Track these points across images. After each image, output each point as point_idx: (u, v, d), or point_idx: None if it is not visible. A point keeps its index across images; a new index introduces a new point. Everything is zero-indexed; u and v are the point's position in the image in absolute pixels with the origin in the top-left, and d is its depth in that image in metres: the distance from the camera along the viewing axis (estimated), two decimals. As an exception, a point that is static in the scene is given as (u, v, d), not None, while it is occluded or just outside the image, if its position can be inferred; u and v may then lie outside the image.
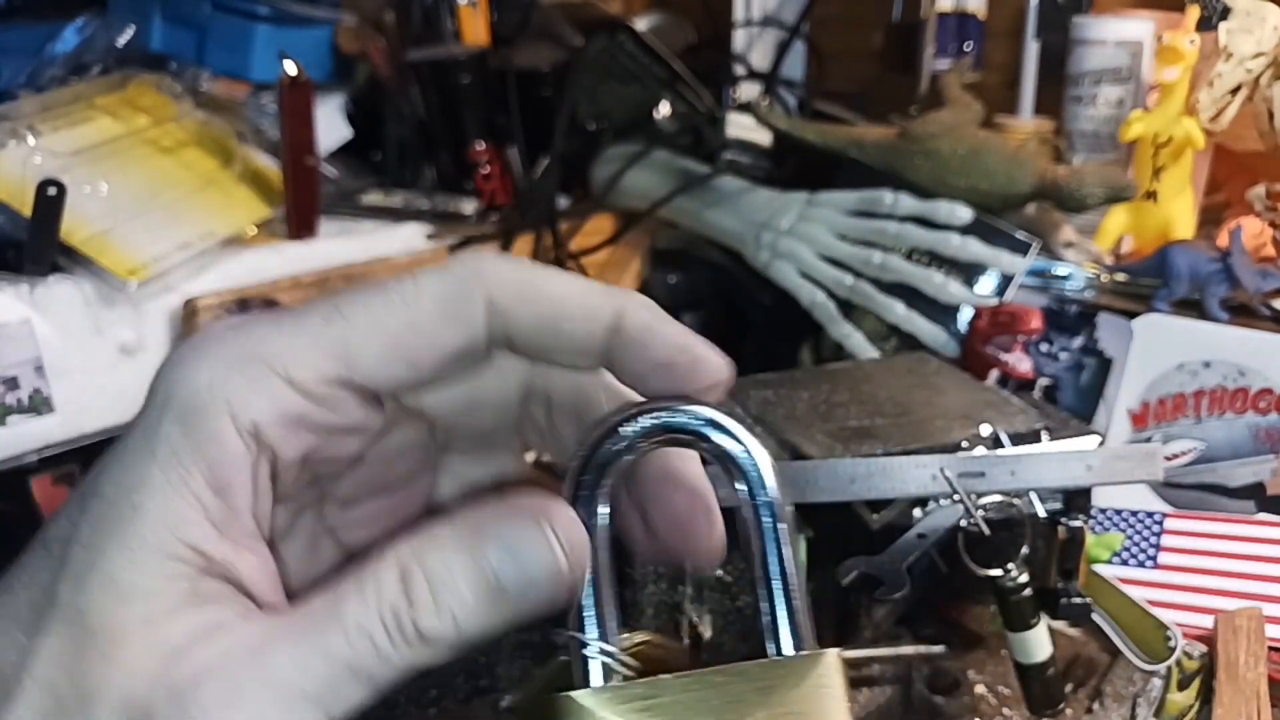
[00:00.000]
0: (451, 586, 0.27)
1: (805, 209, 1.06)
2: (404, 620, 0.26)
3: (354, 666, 0.26)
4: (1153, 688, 0.69)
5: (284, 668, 0.26)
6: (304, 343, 0.28)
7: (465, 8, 1.21)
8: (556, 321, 0.30)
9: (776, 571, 0.30)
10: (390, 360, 0.29)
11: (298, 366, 0.28)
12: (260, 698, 0.26)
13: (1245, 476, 0.85)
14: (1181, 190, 1.07)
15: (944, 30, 1.35)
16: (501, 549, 0.27)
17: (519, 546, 0.27)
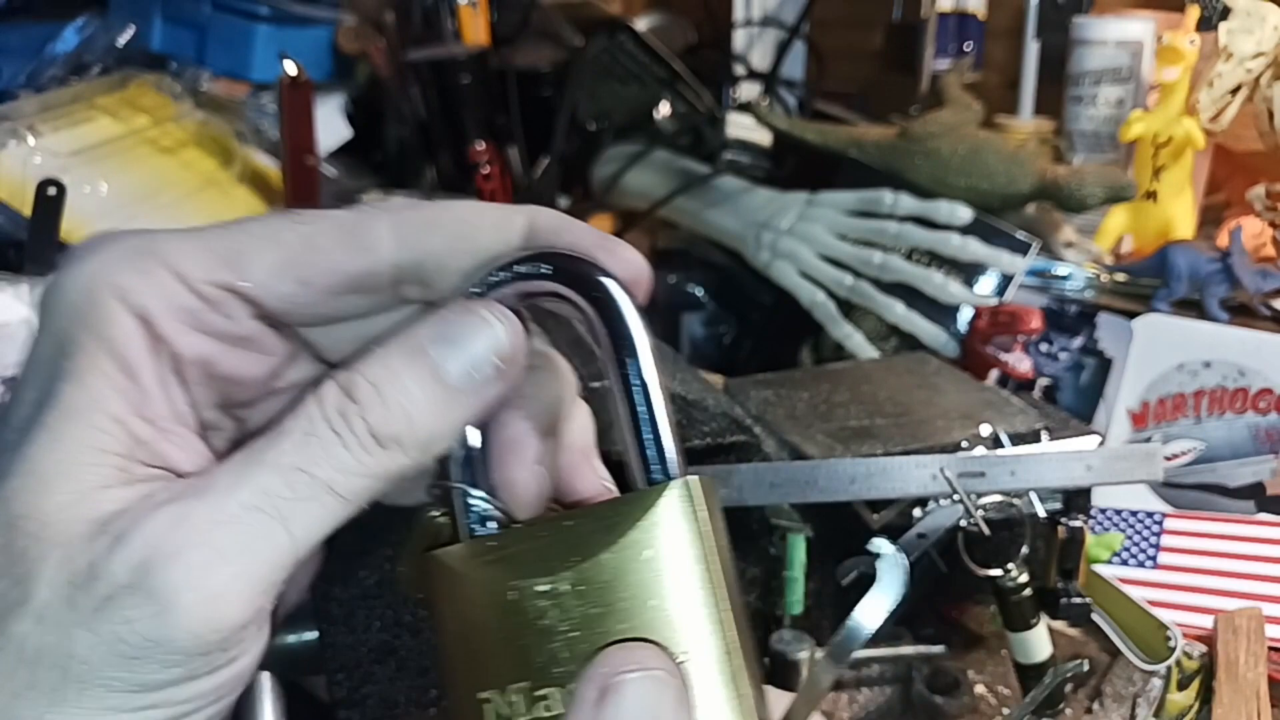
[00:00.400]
0: (397, 384, 0.27)
1: (805, 209, 1.06)
2: (353, 419, 0.26)
3: (307, 469, 0.26)
4: (1152, 688, 0.69)
5: (232, 488, 0.26)
6: (195, 245, 0.28)
7: (465, 8, 1.21)
8: (469, 239, 0.29)
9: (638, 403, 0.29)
10: (282, 274, 0.28)
11: (187, 263, 0.28)
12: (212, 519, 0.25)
13: (1245, 476, 0.85)
14: (1181, 190, 1.07)
15: (944, 30, 1.35)
16: (440, 339, 0.27)
17: (456, 332, 0.28)
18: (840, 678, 0.68)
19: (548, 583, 0.28)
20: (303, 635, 0.62)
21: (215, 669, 0.26)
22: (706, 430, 0.63)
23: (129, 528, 0.25)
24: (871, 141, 1.09)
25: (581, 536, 0.28)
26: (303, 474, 0.26)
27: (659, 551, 0.27)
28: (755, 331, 1.15)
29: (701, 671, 0.27)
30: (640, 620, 0.27)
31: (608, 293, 0.29)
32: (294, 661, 0.62)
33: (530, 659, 0.28)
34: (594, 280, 0.29)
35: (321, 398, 0.27)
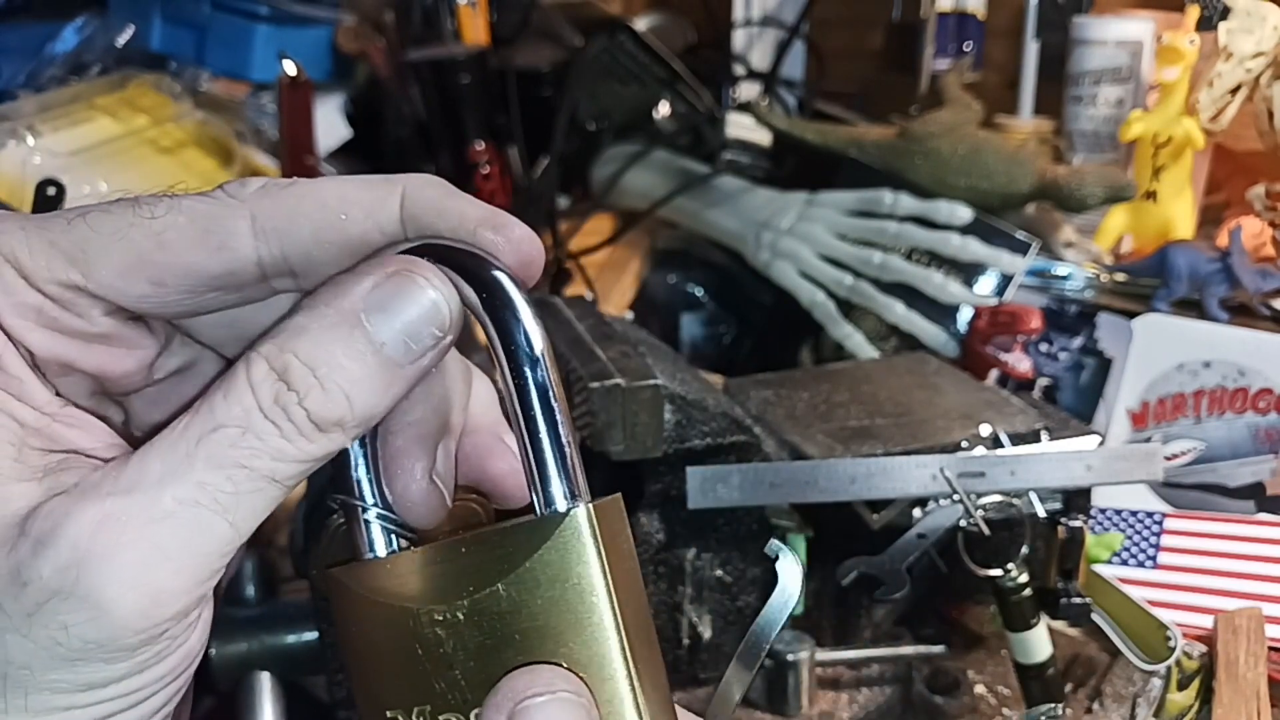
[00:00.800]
0: (333, 362, 0.25)
1: (805, 209, 1.06)
2: (292, 409, 0.25)
3: (249, 465, 0.25)
4: (1152, 688, 0.69)
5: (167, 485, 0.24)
6: (41, 240, 0.27)
7: (465, 8, 1.21)
8: (338, 228, 0.27)
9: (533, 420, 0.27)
10: (131, 276, 0.27)
11: (31, 260, 0.26)
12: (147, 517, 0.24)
13: (1245, 476, 0.85)
14: (1181, 190, 1.07)
15: (944, 30, 1.35)
16: (377, 311, 0.26)
17: (394, 303, 0.26)
18: (838, 677, 0.68)
19: (443, 611, 0.27)
20: (303, 635, 0.62)
21: (164, 656, 0.25)
22: (706, 430, 0.63)
23: (51, 531, 0.24)
24: (871, 141, 1.09)
25: (477, 565, 0.27)
26: (243, 468, 0.25)
27: (556, 586, 0.27)
28: (755, 331, 1.15)
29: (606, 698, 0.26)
30: (540, 653, 0.27)
31: (498, 290, 0.27)
32: (294, 662, 0.62)
33: (431, 684, 0.27)
34: (482, 277, 0.27)
35: (255, 384, 0.25)
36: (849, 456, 0.65)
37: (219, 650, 0.61)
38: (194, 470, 0.25)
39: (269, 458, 0.25)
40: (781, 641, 0.65)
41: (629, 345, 0.65)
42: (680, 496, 0.62)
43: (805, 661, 0.64)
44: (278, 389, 0.25)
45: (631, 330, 0.74)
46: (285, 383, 0.25)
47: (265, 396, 0.25)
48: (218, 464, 0.25)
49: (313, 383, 0.25)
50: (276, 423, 0.25)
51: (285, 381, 0.25)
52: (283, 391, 0.25)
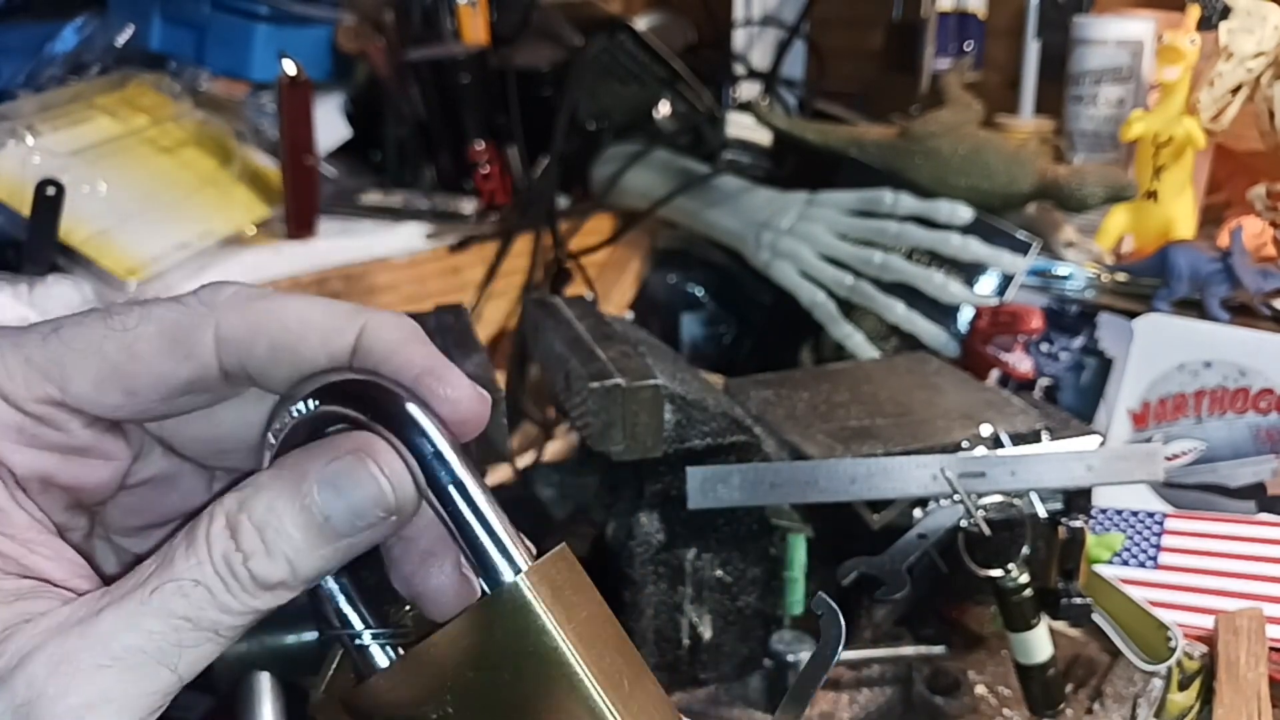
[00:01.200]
0: (281, 530, 0.27)
1: (805, 209, 1.06)
2: (238, 569, 0.27)
3: (195, 619, 0.26)
4: (1153, 688, 0.69)
5: (119, 632, 0.26)
6: (18, 360, 0.28)
7: (465, 7, 1.21)
8: (292, 350, 0.29)
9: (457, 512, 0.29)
10: (106, 387, 0.28)
11: (10, 382, 0.28)
12: (96, 662, 0.26)
13: (1246, 477, 0.85)
14: (1182, 190, 1.07)
15: (944, 30, 1.35)
16: (327, 487, 0.27)
17: (344, 483, 0.27)
18: (839, 677, 0.68)
19: (436, 710, 0.28)
20: (302, 635, 0.62)
21: None
22: (706, 430, 0.62)
23: (11, 669, 0.25)
24: (872, 141, 1.09)
25: (448, 657, 0.29)
26: (188, 623, 0.26)
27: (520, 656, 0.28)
28: (755, 331, 1.15)
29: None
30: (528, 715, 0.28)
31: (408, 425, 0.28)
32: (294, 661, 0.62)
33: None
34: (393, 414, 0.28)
35: (211, 540, 0.27)
36: (849, 457, 0.65)
37: (218, 651, 0.61)
38: (144, 619, 0.26)
39: (215, 610, 0.27)
40: (781, 642, 0.65)
41: (629, 345, 0.65)
42: (680, 496, 0.62)
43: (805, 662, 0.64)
44: (228, 547, 0.27)
45: (631, 330, 0.74)
46: (235, 541, 0.27)
47: (217, 553, 0.27)
48: (167, 614, 0.26)
49: (259, 545, 0.27)
50: (224, 579, 0.27)
51: (236, 540, 0.27)
52: (232, 551, 0.27)
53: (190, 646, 0.26)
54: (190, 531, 0.27)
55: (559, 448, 0.98)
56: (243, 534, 0.27)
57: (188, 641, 0.26)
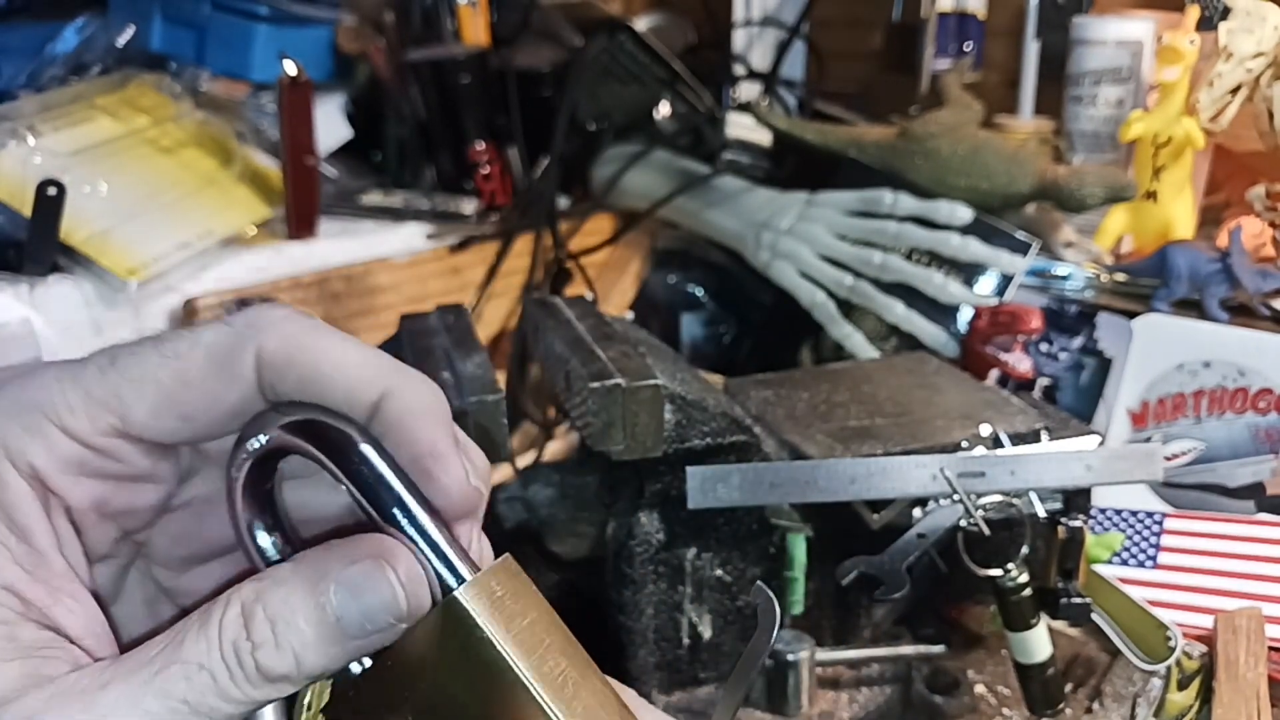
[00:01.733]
0: (293, 624, 0.27)
1: (805, 209, 1.06)
2: (245, 658, 0.27)
3: (193, 703, 0.27)
4: (1152, 688, 0.69)
5: (118, 708, 0.26)
6: (79, 394, 0.29)
7: (465, 8, 1.21)
8: (319, 389, 0.29)
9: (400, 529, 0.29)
10: (163, 414, 0.29)
11: (72, 417, 0.29)
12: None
13: (1245, 476, 0.85)
14: (1181, 190, 1.07)
15: (944, 30, 1.35)
16: (343, 590, 0.28)
17: (361, 587, 0.28)
18: (838, 677, 0.68)
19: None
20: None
21: None
22: (706, 430, 0.63)
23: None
24: (871, 141, 1.09)
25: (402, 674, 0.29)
26: (187, 706, 0.27)
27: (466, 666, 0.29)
28: (755, 331, 1.15)
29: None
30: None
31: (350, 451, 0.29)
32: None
33: None
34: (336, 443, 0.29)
35: (224, 626, 0.27)
36: (849, 456, 0.65)
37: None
38: (146, 699, 0.27)
39: (216, 697, 0.27)
40: (781, 641, 0.65)
41: (629, 345, 0.65)
42: (680, 496, 0.62)
43: (805, 661, 0.64)
44: (239, 636, 0.27)
45: (631, 330, 0.74)
46: (247, 630, 0.27)
47: (228, 640, 0.27)
48: (167, 696, 0.27)
49: (269, 637, 0.27)
50: (230, 667, 0.27)
51: (248, 630, 0.27)
52: (242, 639, 0.27)
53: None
54: (204, 614, 0.28)
55: (559, 448, 0.98)
56: (255, 624, 0.27)
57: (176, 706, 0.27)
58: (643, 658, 0.65)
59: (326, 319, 1.07)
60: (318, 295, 1.01)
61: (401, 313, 0.76)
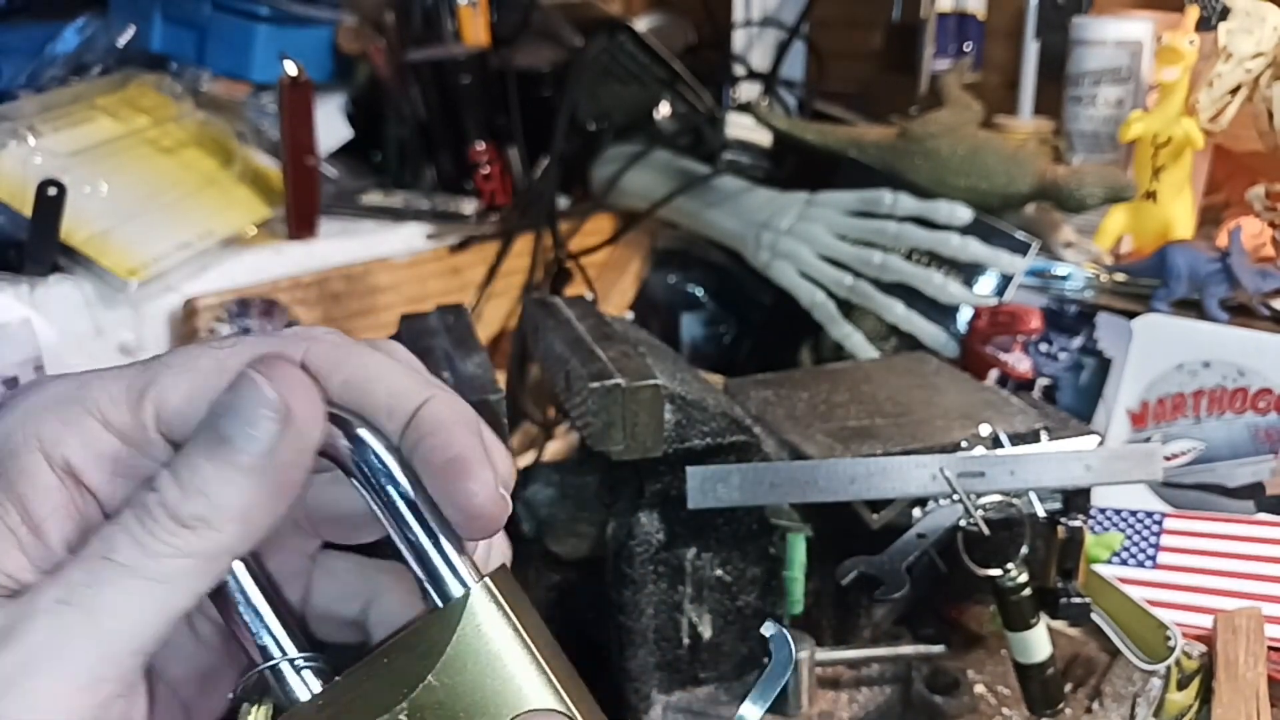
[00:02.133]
0: (189, 464, 0.28)
1: (805, 209, 1.06)
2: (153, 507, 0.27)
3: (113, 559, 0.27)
4: (1152, 687, 0.69)
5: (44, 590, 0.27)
6: (120, 385, 0.29)
7: (465, 8, 1.21)
8: (361, 394, 0.30)
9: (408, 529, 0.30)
10: (198, 401, 0.29)
11: (113, 407, 0.29)
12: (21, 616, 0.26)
13: (1244, 476, 0.86)
14: (1181, 190, 1.07)
15: (943, 30, 1.36)
16: (220, 408, 0.28)
17: (234, 400, 0.28)
18: (838, 676, 0.69)
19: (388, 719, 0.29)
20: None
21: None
22: (706, 430, 0.63)
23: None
24: (871, 142, 1.09)
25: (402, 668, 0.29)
26: (106, 561, 0.27)
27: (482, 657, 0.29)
28: (755, 331, 1.15)
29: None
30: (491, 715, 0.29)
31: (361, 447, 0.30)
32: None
33: None
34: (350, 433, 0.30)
35: (134, 500, 0.28)
36: (849, 456, 0.65)
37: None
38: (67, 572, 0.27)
39: (133, 551, 0.27)
40: (781, 641, 0.65)
41: (629, 345, 0.65)
42: (680, 496, 0.62)
43: (805, 661, 0.64)
44: (144, 492, 0.28)
45: (631, 330, 0.74)
46: (151, 485, 0.28)
47: (135, 500, 0.28)
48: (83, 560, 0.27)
49: (170, 482, 0.28)
50: (140, 519, 0.27)
51: (151, 485, 0.28)
52: (148, 493, 0.28)
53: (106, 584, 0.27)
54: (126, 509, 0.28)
55: (559, 448, 0.99)
56: (159, 478, 0.28)
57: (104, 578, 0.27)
58: (643, 657, 0.65)
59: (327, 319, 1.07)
60: (318, 295, 1.01)
61: (401, 313, 0.76)
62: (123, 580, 0.27)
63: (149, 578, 0.27)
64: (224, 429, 0.28)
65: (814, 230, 1.04)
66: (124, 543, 0.27)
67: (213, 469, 0.28)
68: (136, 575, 0.27)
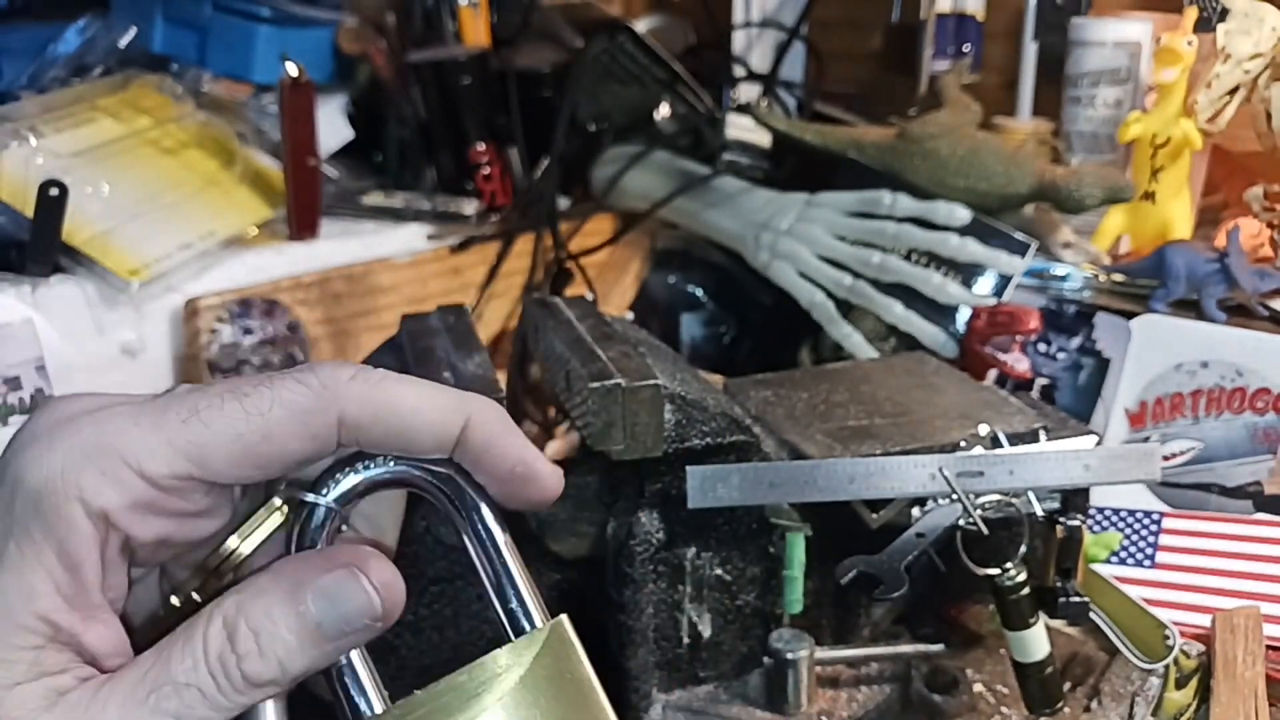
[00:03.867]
0: (276, 634, 0.29)
1: (804, 210, 1.06)
2: (231, 669, 0.29)
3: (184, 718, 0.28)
4: (1151, 686, 0.69)
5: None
6: (159, 440, 0.30)
7: (466, 9, 1.22)
8: (405, 438, 0.32)
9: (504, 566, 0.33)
10: (240, 464, 0.31)
11: (151, 461, 0.30)
12: None
13: (1243, 476, 0.86)
14: (1179, 191, 1.07)
15: (943, 31, 1.36)
16: (321, 598, 0.30)
17: (337, 593, 0.30)
18: (837, 675, 0.69)
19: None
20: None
21: None
22: (706, 430, 0.63)
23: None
24: (870, 142, 1.09)
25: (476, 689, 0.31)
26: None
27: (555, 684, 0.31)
28: (755, 331, 1.15)
29: None
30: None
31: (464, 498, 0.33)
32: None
33: None
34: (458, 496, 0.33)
35: (208, 640, 0.29)
36: (848, 456, 0.65)
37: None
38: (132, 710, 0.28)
39: (205, 708, 0.29)
40: (780, 640, 0.65)
41: (629, 345, 0.66)
42: (680, 496, 0.62)
43: (804, 660, 0.65)
44: (224, 648, 0.29)
45: (631, 330, 0.75)
46: (231, 644, 0.29)
47: (213, 653, 0.29)
48: (159, 713, 0.28)
49: (253, 647, 0.29)
50: (216, 679, 0.29)
51: (232, 643, 0.29)
52: (227, 651, 0.29)
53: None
54: (188, 630, 0.29)
55: (559, 448, 0.99)
56: (239, 637, 0.29)
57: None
58: (643, 657, 0.65)
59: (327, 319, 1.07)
60: (319, 295, 1.01)
61: (402, 313, 0.76)
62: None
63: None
64: (318, 615, 0.30)
65: (813, 231, 1.04)
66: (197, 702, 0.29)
67: (296, 643, 0.29)
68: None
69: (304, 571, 0.30)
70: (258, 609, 0.29)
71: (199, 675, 0.29)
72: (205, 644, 0.29)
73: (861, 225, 1.03)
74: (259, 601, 0.30)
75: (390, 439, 0.32)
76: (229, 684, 0.29)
